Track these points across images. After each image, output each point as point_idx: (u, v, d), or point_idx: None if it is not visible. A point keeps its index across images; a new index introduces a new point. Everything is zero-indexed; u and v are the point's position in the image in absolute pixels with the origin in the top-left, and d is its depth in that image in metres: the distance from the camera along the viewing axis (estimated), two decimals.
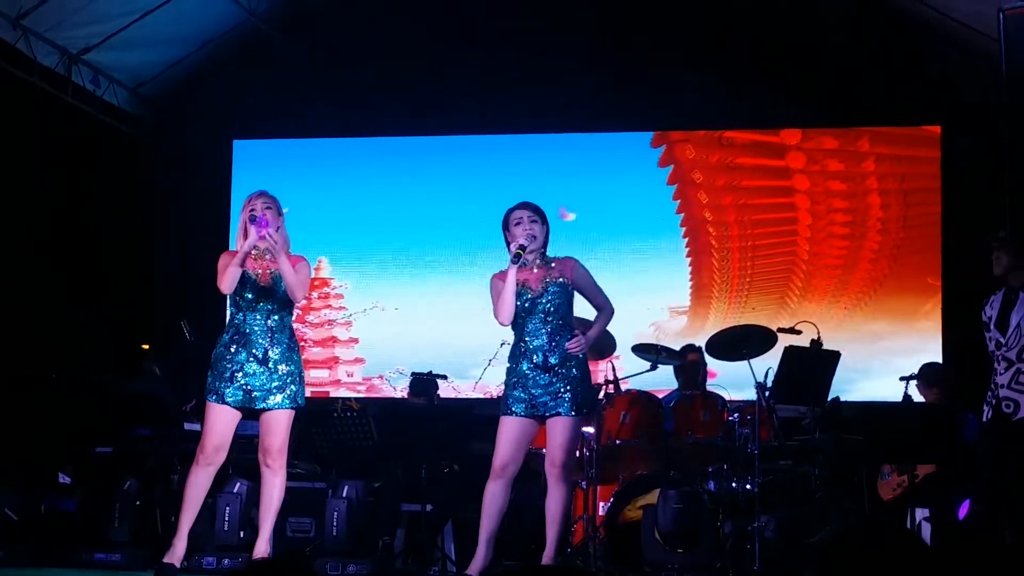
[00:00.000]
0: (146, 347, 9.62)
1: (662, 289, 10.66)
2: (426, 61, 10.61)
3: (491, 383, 9.50)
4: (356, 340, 11.01)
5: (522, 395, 6.38)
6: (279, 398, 6.47)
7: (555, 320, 6.40)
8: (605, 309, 6.54)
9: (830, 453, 7.44)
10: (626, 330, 8.75)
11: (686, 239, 10.73)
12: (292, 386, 6.50)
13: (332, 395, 10.74)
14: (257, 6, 10.53)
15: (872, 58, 10.19)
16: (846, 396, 8.14)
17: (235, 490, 7.95)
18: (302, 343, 10.87)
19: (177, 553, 6.45)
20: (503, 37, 10.46)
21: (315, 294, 10.91)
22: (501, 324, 6.46)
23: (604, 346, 7.74)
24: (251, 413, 6.59)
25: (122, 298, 10.72)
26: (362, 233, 11.07)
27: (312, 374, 10.94)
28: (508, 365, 6.52)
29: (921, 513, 7.50)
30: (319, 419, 8.15)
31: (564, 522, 6.46)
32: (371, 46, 10.72)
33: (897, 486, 7.82)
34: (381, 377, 10.90)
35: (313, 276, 10.86)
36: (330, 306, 11.05)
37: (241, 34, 10.83)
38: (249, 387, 6.44)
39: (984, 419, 6.59)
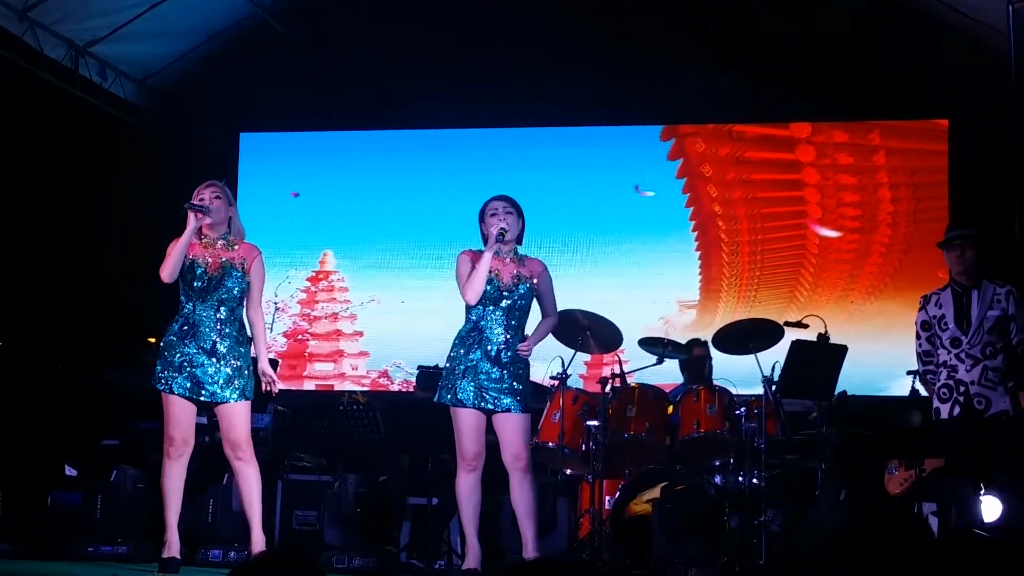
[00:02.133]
0: (152, 340, 9.60)
1: (671, 283, 10.62)
2: (434, 54, 10.56)
3: None
4: (361, 333, 10.99)
5: (470, 386, 6.44)
6: (229, 392, 6.47)
7: (517, 318, 6.52)
8: (552, 317, 6.71)
9: (837, 447, 7.42)
10: (634, 324, 8.73)
11: (695, 233, 10.68)
12: (241, 380, 6.50)
13: (337, 388, 10.73)
14: None
15: (881, 51, 10.13)
16: (853, 390, 8.09)
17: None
18: (300, 336, 10.91)
19: (174, 547, 6.53)
20: (510, 30, 10.40)
21: (317, 286, 10.91)
22: (468, 303, 6.51)
23: (610, 340, 7.71)
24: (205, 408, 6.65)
25: (126, 291, 10.69)
26: (368, 226, 11.04)
27: (316, 367, 10.93)
28: (454, 350, 6.55)
29: (928, 507, 7.47)
30: (325, 412, 8.15)
31: (538, 513, 6.56)
32: (377, 40, 10.68)
33: (904, 480, 7.79)
34: (385, 372, 10.86)
35: (318, 268, 10.97)
36: (334, 299, 11.02)
37: (249, 27, 10.80)
38: (198, 378, 6.44)
39: (946, 416, 6.74)
